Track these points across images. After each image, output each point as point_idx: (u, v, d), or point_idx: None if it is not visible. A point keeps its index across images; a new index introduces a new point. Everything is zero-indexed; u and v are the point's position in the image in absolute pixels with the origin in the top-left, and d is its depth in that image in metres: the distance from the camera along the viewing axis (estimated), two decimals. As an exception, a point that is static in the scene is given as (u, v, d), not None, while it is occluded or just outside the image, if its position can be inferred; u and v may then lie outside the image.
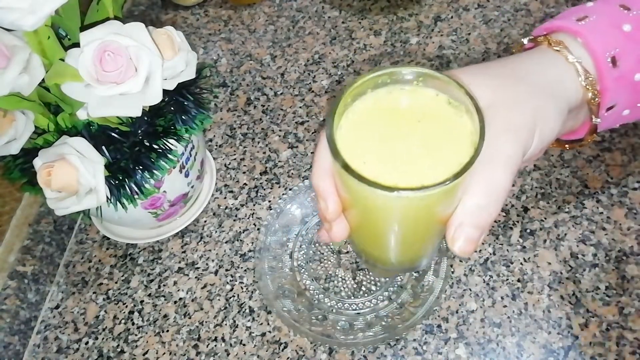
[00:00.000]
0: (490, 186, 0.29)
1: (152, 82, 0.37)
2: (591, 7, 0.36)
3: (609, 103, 0.35)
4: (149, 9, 0.72)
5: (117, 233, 0.52)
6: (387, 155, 0.28)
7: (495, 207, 0.30)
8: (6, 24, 0.33)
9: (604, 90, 0.34)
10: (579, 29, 0.34)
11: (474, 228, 0.29)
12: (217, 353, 0.44)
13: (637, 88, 0.35)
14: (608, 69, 0.33)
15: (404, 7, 0.66)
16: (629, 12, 0.35)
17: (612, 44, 0.34)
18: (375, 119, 0.29)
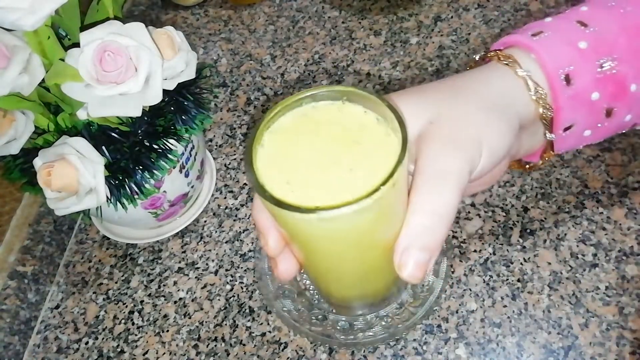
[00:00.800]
0: (436, 204, 0.27)
1: (152, 82, 0.37)
2: (548, 23, 0.35)
3: (565, 122, 0.33)
4: (149, 9, 0.72)
5: (117, 233, 0.52)
6: (313, 177, 0.26)
7: (443, 227, 0.27)
8: (6, 24, 0.33)
9: (558, 109, 0.33)
10: (531, 44, 0.33)
11: (421, 251, 0.27)
12: (217, 353, 0.44)
13: (594, 108, 0.33)
14: (561, 87, 0.32)
15: (404, 7, 0.66)
16: (585, 28, 0.33)
17: (566, 61, 0.32)
18: (299, 140, 0.27)
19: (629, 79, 0.33)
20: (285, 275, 0.32)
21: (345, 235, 0.27)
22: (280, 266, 0.31)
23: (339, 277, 0.33)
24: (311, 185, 0.26)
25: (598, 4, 0.35)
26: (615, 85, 0.33)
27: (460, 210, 0.48)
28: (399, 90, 0.56)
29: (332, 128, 0.28)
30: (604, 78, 0.33)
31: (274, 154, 0.27)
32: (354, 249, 0.29)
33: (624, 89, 0.33)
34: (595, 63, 0.33)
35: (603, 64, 0.33)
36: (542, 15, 0.61)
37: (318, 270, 0.34)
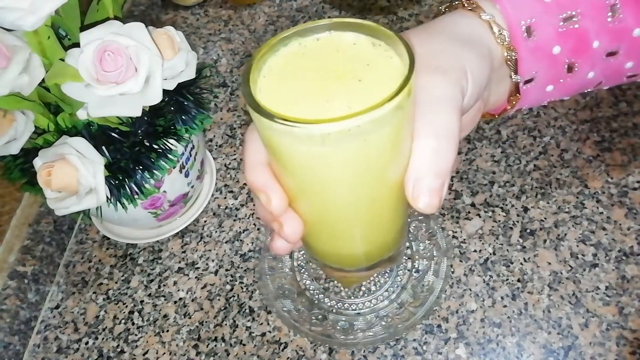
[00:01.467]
0: (439, 127, 0.27)
1: (152, 82, 0.37)
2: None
3: (526, 74, 0.33)
4: (149, 9, 0.72)
5: (117, 233, 0.52)
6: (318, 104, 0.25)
7: (450, 149, 0.27)
8: (6, 24, 0.33)
9: (520, 59, 0.33)
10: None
11: (433, 177, 0.27)
12: (217, 353, 0.44)
13: (556, 62, 0.33)
14: (522, 39, 0.32)
15: (404, 7, 0.66)
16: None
17: (528, 13, 0.32)
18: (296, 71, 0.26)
19: (591, 35, 0.33)
20: (293, 237, 0.30)
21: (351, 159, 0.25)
22: (287, 226, 0.29)
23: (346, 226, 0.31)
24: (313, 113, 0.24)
25: None
26: (577, 40, 0.33)
27: (460, 210, 0.48)
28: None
29: (336, 55, 0.26)
30: (565, 32, 0.33)
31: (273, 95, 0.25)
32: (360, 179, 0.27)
33: (586, 45, 0.33)
34: (557, 17, 0.32)
35: (565, 19, 0.32)
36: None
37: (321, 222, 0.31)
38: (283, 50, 0.27)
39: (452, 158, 0.27)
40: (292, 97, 0.25)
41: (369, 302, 0.43)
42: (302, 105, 0.25)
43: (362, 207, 0.29)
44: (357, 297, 0.44)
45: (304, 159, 0.25)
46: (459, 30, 0.32)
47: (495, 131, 0.53)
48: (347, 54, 0.27)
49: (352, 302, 0.44)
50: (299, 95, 0.25)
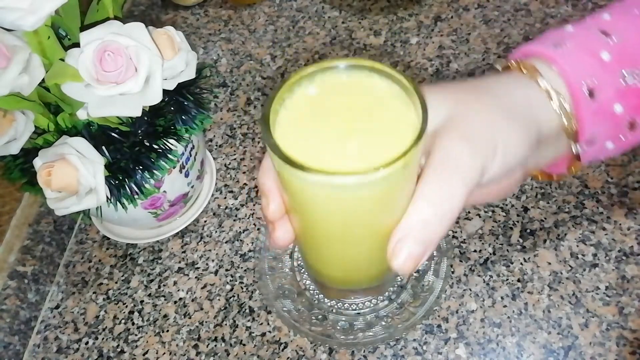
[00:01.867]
0: (441, 198, 0.27)
1: (152, 82, 0.37)
2: (570, 32, 0.34)
3: (588, 136, 0.32)
4: (149, 9, 0.72)
5: (117, 233, 0.52)
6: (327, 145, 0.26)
7: (444, 223, 0.27)
8: (6, 24, 0.33)
9: (581, 122, 0.32)
10: (554, 56, 0.32)
11: (416, 243, 0.27)
12: (217, 353, 0.44)
13: (617, 121, 0.32)
14: (585, 100, 0.31)
15: (404, 7, 0.66)
16: (608, 38, 0.32)
17: (589, 73, 0.31)
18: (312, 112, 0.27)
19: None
20: (280, 242, 0.31)
21: (347, 206, 0.26)
22: (277, 231, 0.31)
23: (335, 254, 0.33)
24: (324, 153, 0.25)
25: (621, 12, 0.34)
26: (639, 98, 0.32)
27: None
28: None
29: (353, 99, 0.27)
30: (627, 90, 0.32)
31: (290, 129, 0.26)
32: (353, 224, 0.28)
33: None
34: (618, 75, 0.32)
35: (626, 76, 0.32)
36: (542, 16, 0.61)
37: (315, 244, 0.33)
38: (300, 91, 0.28)
39: (441, 230, 0.27)
40: (306, 136, 0.26)
41: (369, 302, 0.43)
42: (314, 145, 0.26)
43: (349, 242, 0.30)
44: (357, 297, 0.44)
45: (306, 194, 0.26)
46: (511, 98, 0.31)
47: (495, 131, 0.53)
48: (363, 98, 0.27)
49: (352, 302, 0.44)
50: (313, 135, 0.26)
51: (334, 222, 0.28)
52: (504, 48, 0.59)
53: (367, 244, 0.30)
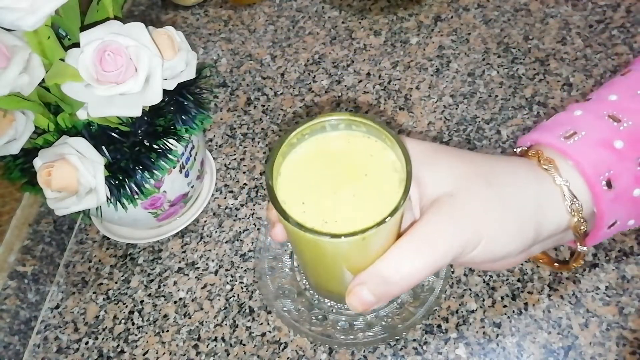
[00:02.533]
0: (406, 265, 0.29)
1: (152, 82, 0.37)
2: (579, 118, 0.34)
3: (609, 222, 0.33)
4: (149, 9, 0.72)
5: (117, 233, 0.52)
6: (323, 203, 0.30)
7: (400, 288, 0.29)
8: (6, 24, 0.33)
9: (601, 212, 0.33)
10: (567, 150, 0.32)
11: (371, 294, 0.29)
12: (217, 353, 0.44)
13: (637, 202, 0.33)
14: (603, 193, 0.32)
15: (404, 7, 0.66)
16: (619, 124, 0.33)
17: (605, 165, 0.32)
18: (314, 164, 0.31)
19: None
20: (277, 237, 0.34)
21: (339, 254, 0.31)
22: (275, 229, 0.34)
23: (330, 278, 0.38)
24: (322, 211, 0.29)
25: (626, 92, 0.35)
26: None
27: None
28: (400, 89, 0.57)
29: (344, 157, 0.30)
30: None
31: (291, 178, 0.30)
32: (345, 264, 0.33)
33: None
34: (634, 161, 0.32)
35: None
36: (542, 15, 0.61)
37: (313, 270, 0.38)
38: (299, 146, 0.31)
39: (395, 292, 0.30)
40: (306, 186, 0.30)
41: None
42: (314, 194, 0.30)
43: (336, 273, 0.35)
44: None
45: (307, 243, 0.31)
46: (519, 191, 0.32)
47: (495, 131, 0.53)
48: (357, 151, 0.31)
49: None
50: (313, 185, 0.30)
51: (322, 260, 0.33)
52: (504, 48, 0.59)
53: (351, 276, 0.34)
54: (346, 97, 0.59)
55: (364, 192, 0.29)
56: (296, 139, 0.31)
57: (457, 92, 0.56)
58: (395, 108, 0.57)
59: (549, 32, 0.60)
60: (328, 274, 0.36)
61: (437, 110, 0.56)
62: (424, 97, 0.57)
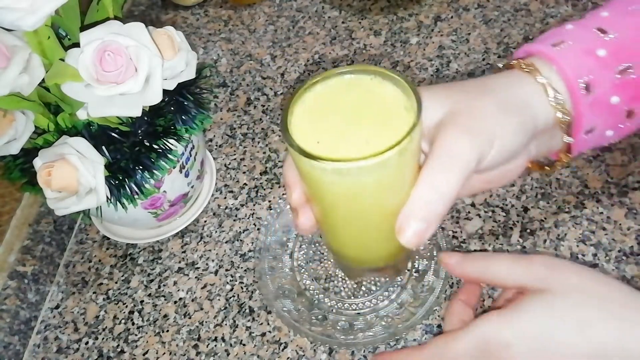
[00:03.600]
0: (440, 182, 0.30)
1: (152, 82, 0.37)
2: (569, 31, 0.36)
3: (587, 127, 0.35)
4: (149, 9, 0.72)
5: (117, 233, 0.52)
6: (339, 137, 0.30)
7: (443, 203, 0.30)
8: (6, 24, 0.33)
9: (579, 115, 0.34)
10: (552, 54, 0.34)
11: (420, 221, 0.30)
12: (217, 353, 0.44)
13: (614, 110, 0.35)
14: (582, 95, 0.33)
15: (404, 7, 0.66)
16: (604, 35, 0.35)
17: (585, 70, 0.34)
18: (328, 105, 0.31)
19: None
20: (303, 227, 0.35)
21: (354, 190, 0.30)
22: (300, 218, 0.35)
23: (350, 235, 0.36)
24: (337, 145, 0.29)
25: (618, 9, 0.36)
26: (634, 88, 0.34)
27: (460, 210, 0.48)
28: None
29: (361, 98, 0.31)
30: (623, 83, 0.34)
31: (305, 121, 0.30)
32: (361, 207, 0.32)
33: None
34: (614, 69, 0.34)
35: (622, 70, 0.34)
36: (542, 16, 0.61)
37: (333, 227, 0.36)
38: (310, 93, 0.31)
39: (442, 210, 0.30)
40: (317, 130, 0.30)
41: (369, 302, 0.43)
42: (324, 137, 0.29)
43: (359, 223, 0.34)
44: (357, 297, 0.44)
45: (319, 181, 0.30)
46: (508, 94, 0.33)
47: (495, 131, 0.53)
48: (368, 96, 0.31)
49: (352, 302, 0.44)
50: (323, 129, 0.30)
51: (344, 206, 0.32)
52: (504, 48, 0.59)
53: (375, 225, 0.34)
54: (346, 97, 0.59)
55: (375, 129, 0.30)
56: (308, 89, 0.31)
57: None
58: (395, 108, 0.57)
59: (549, 32, 0.60)
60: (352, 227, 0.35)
61: (437, 110, 0.56)
62: (424, 97, 0.57)
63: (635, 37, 0.35)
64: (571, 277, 0.31)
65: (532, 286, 0.31)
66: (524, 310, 0.30)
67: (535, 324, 0.30)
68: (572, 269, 0.32)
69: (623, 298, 0.30)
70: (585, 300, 0.30)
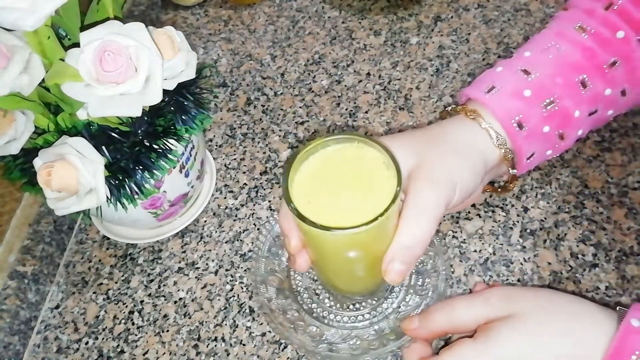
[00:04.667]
0: (416, 230, 0.35)
1: (152, 82, 0.37)
2: (499, 74, 0.43)
3: (527, 154, 0.41)
4: (149, 9, 0.72)
5: (117, 233, 0.52)
6: (328, 200, 0.34)
7: (420, 248, 0.36)
8: (6, 24, 0.33)
9: (518, 148, 0.41)
10: (486, 101, 0.41)
11: (401, 263, 0.35)
12: (217, 353, 0.44)
13: (548, 137, 0.41)
14: (516, 132, 0.40)
15: (404, 7, 0.66)
16: (528, 76, 0.41)
17: (515, 111, 0.40)
18: (323, 172, 0.35)
19: (571, 109, 0.41)
20: (300, 268, 0.39)
21: (344, 246, 0.35)
22: (297, 261, 0.38)
23: (341, 275, 0.41)
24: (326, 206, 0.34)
25: (538, 46, 0.43)
26: (560, 117, 0.41)
27: (460, 210, 0.48)
28: (400, 89, 0.57)
29: (347, 166, 0.35)
30: (549, 115, 0.41)
31: (302, 185, 0.34)
32: (350, 256, 0.36)
33: (568, 117, 0.41)
34: (539, 106, 0.41)
35: (547, 105, 0.41)
36: (542, 16, 0.61)
37: (324, 267, 0.41)
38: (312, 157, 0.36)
39: (419, 253, 0.36)
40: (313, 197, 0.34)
41: (365, 316, 0.43)
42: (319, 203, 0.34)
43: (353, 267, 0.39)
44: (358, 300, 0.44)
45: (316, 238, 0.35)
46: (460, 141, 0.40)
47: (495, 131, 0.53)
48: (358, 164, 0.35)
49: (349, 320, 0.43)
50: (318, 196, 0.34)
51: (336, 255, 0.37)
52: (504, 48, 0.59)
53: (362, 267, 0.39)
54: (346, 97, 0.59)
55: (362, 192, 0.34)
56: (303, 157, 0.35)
57: (457, 92, 0.56)
58: (395, 108, 0.57)
59: (549, 32, 0.59)
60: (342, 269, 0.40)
61: (437, 110, 0.56)
62: (424, 97, 0.57)
63: (553, 74, 0.41)
64: (529, 300, 0.35)
65: (495, 317, 0.35)
66: (495, 337, 0.33)
67: (512, 346, 0.33)
68: (526, 293, 0.36)
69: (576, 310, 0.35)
70: (546, 318, 0.34)
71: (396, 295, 0.44)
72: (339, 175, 0.35)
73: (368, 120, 0.56)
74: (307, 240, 0.37)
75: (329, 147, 0.36)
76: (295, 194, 0.34)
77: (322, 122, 0.57)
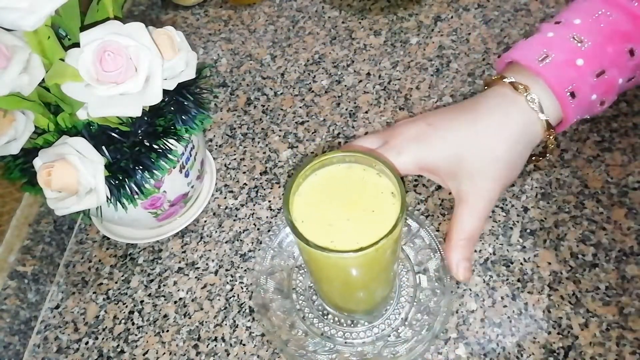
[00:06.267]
0: (471, 229, 0.40)
1: (152, 82, 0.37)
2: (550, 40, 0.43)
3: (572, 121, 0.44)
4: (149, 9, 0.72)
5: (117, 233, 0.52)
6: (325, 220, 0.34)
7: (473, 242, 0.40)
8: (6, 24, 0.33)
9: (566, 116, 0.43)
10: (541, 71, 0.42)
11: (466, 260, 0.41)
12: (217, 353, 0.44)
13: (593, 103, 0.44)
14: (568, 102, 0.42)
15: (404, 7, 0.66)
16: (581, 44, 0.42)
17: (568, 80, 0.42)
18: (322, 191, 0.35)
19: (616, 78, 0.43)
20: None
21: (341, 268, 0.35)
22: None
23: (340, 293, 0.41)
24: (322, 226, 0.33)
25: (587, 14, 0.44)
26: (607, 85, 0.43)
27: None
28: (400, 89, 0.57)
29: (346, 186, 0.35)
30: (598, 84, 0.42)
31: (302, 203, 0.34)
32: (348, 278, 0.37)
33: (613, 86, 0.43)
34: (591, 75, 0.42)
35: (598, 74, 0.42)
36: (542, 16, 0.61)
37: (325, 285, 0.41)
38: (313, 177, 0.35)
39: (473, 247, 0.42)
40: (315, 218, 0.34)
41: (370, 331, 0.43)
42: (325, 221, 0.33)
43: (346, 287, 0.39)
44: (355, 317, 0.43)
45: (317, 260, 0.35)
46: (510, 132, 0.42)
47: (495, 131, 0.53)
48: (361, 184, 0.35)
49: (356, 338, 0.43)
50: (324, 213, 0.34)
51: (333, 276, 0.37)
52: (504, 48, 0.59)
53: (359, 287, 0.39)
54: (346, 97, 0.59)
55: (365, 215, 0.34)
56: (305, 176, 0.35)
57: (457, 92, 0.56)
58: (395, 108, 0.57)
59: (549, 32, 0.59)
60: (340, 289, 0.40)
61: (437, 110, 0.56)
62: (424, 97, 0.57)
63: (603, 43, 0.42)
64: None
65: None
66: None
67: None
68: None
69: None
70: None
71: (389, 323, 0.42)
72: (346, 195, 0.35)
73: (368, 120, 0.56)
74: (304, 256, 0.38)
75: (343, 163, 0.35)
76: (296, 208, 0.34)
77: (322, 122, 0.57)
